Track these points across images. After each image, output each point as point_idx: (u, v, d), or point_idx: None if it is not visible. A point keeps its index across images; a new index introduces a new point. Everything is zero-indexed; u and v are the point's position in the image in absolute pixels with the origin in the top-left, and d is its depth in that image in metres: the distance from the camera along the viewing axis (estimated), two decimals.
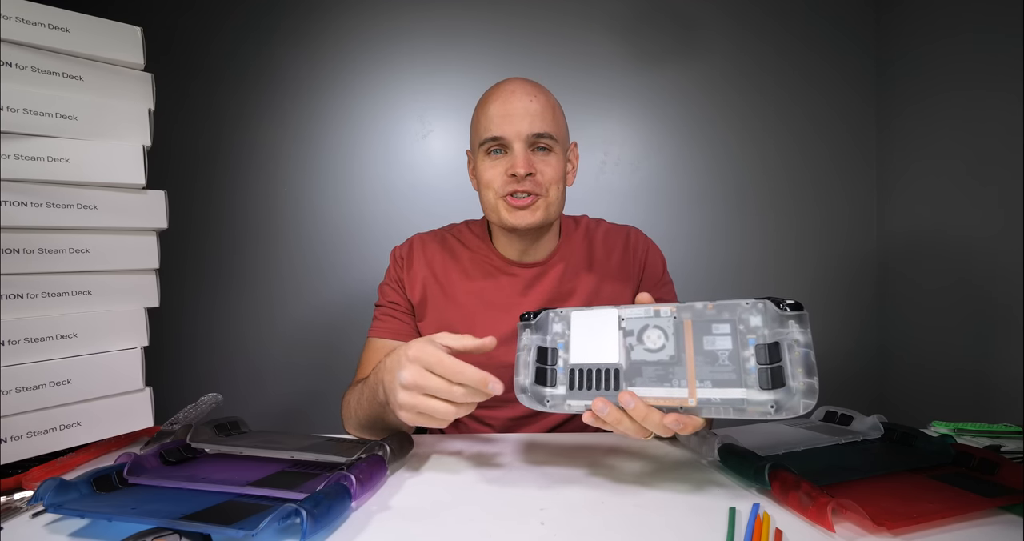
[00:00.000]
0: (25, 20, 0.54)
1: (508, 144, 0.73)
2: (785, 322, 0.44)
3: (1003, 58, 1.16)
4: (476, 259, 0.83)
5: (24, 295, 0.55)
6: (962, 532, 0.41)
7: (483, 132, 0.74)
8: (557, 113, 0.76)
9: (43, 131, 0.55)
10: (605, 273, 0.83)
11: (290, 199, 1.59)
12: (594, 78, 1.58)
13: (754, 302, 0.46)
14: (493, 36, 1.58)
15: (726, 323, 0.46)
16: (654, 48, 1.58)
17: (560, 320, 0.53)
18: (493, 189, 0.75)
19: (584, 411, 0.47)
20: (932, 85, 1.37)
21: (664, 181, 1.60)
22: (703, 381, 0.45)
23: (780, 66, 1.58)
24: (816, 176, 1.59)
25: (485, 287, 0.81)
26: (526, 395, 0.50)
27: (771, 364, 0.43)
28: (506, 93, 0.74)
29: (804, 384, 0.42)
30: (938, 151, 1.36)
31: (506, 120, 0.72)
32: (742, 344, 0.45)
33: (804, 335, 0.44)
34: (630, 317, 0.50)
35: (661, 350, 0.48)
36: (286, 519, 0.39)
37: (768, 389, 0.43)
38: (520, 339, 0.54)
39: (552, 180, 0.75)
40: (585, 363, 0.50)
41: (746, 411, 0.43)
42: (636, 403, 0.45)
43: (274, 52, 1.57)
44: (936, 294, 1.36)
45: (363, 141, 1.59)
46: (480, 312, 0.80)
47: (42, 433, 0.55)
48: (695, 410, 0.45)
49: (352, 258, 1.59)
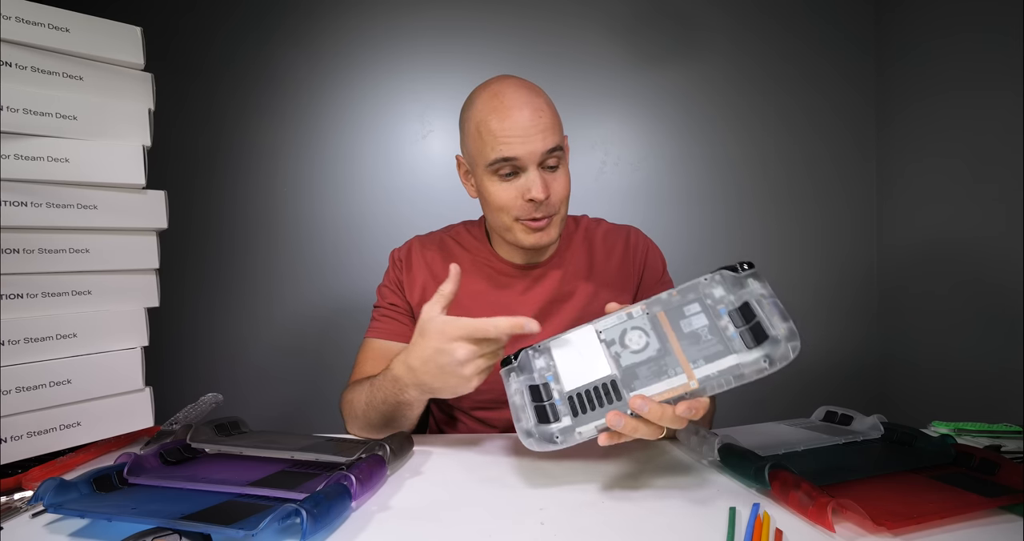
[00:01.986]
0: (25, 20, 0.54)
1: (522, 166, 0.69)
2: (744, 282, 0.48)
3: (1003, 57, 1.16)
4: (476, 261, 0.82)
5: (24, 295, 0.55)
6: (962, 532, 0.41)
7: (490, 152, 0.69)
8: (556, 114, 0.74)
9: (43, 131, 0.55)
10: (604, 276, 0.82)
11: (290, 199, 1.59)
12: (594, 78, 1.58)
13: (711, 276, 0.50)
14: (493, 36, 1.58)
15: (694, 303, 0.49)
16: (654, 48, 1.58)
17: (541, 355, 0.53)
18: (507, 213, 0.72)
19: (597, 435, 0.47)
20: (932, 85, 1.37)
21: (664, 181, 1.60)
22: (695, 361, 0.47)
23: (780, 66, 1.58)
24: (816, 176, 1.59)
25: (485, 289, 0.81)
26: (534, 439, 0.49)
27: (748, 324, 0.46)
28: (513, 107, 0.68)
29: (784, 330, 0.44)
30: (938, 151, 1.35)
31: (516, 140, 0.68)
32: (716, 316, 0.48)
33: (765, 288, 0.47)
34: (606, 328, 0.52)
35: (646, 348, 0.49)
36: (286, 519, 0.39)
37: (755, 347, 0.45)
38: (508, 386, 0.53)
39: (563, 196, 0.73)
40: (580, 386, 0.50)
41: (744, 375, 0.45)
42: (649, 406, 0.45)
43: (274, 52, 1.57)
44: (936, 294, 1.36)
45: (363, 141, 1.59)
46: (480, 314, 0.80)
47: (42, 433, 0.55)
48: (699, 391, 0.46)
49: (352, 258, 1.59)
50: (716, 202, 1.59)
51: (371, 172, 1.59)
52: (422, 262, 0.83)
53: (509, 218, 0.72)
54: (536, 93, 0.72)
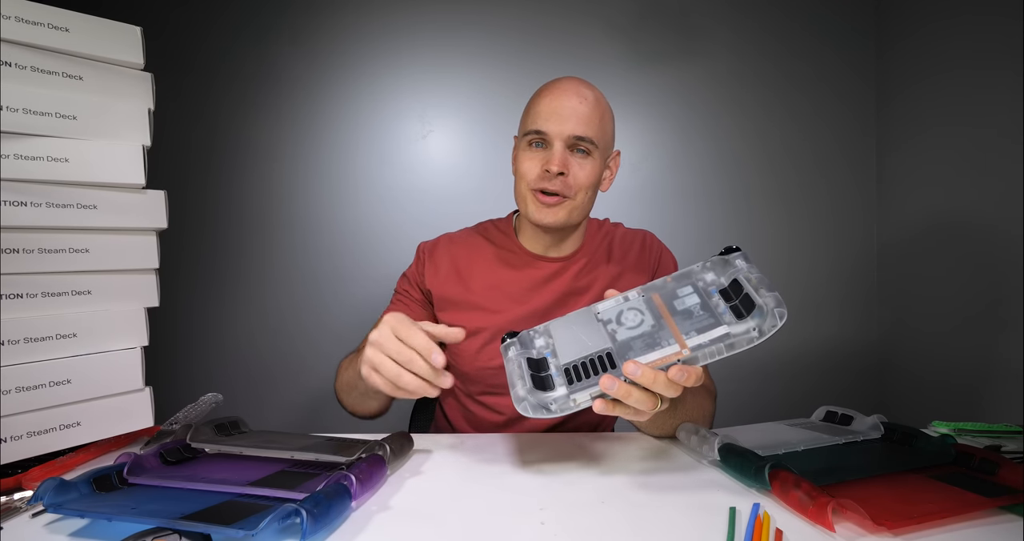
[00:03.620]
0: (25, 20, 0.54)
1: (549, 140, 0.75)
2: (732, 262, 0.51)
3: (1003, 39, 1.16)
4: (499, 252, 0.86)
5: (24, 295, 0.55)
6: (962, 532, 0.41)
7: (529, 123, 0.77)
8: (605, 119, 0.78)
9: (43, 131, 0.55)
10: (623, 266, 0.85)
11: (289, 199, 1.59)
12: (594, 78, 1.56)
13: (703, 264, 0.53)
14: (494, 36, 1.58)
15: (688, 286, 0.52)
16: (654, 48, 1.58)
17: (541, 335, 0.56)
18: (527, 180, 0.77)
19: (592, 402, 0.48)
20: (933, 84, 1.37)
21: (665, 180, 1.60)
22: (688, 333, 0.48)
23: (780, 65, 1.58)
24: (816, 176, 1.59)
25: (505, 278, 0.83)
26: (528, 404, 0.49)
27: (738, 298, 0.48)
28: (559, 90, 0.76)
29: (771, 299, 0.46)
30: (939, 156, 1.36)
31: (552, 117, 0.74)
32: (707, 295, 0.50)
33: (750, 264, 0.50)
34: (604, 309, 0.54)
35: (641, 324, 0.51)
36: (286, 519, 0.39)
37: (744, 317, 0.47)
38: (506, 356, 0.55)
39: (583, 184, 0.76)
40: (577, 358, 0.51)
41: (735, 344, 0.46)
42: (642, 369, 0.46)
43: (271, 49, 1.57)
44: (936, 294, 1.36)
45: (362, 140, 1.59)
46: (497, 302, 0.82)
47: (42, 433, 0.55)
48: (692, 360, 0.47)
49: (351, 258, 1.59)
50: (717, 201, 1.59)
51: (371, 172, 1.59)
52: (447, 256, 0.87)
53: (527, 187, 0.77)
54: (591, 90, 0.78)
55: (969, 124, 1.26)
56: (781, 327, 0.45)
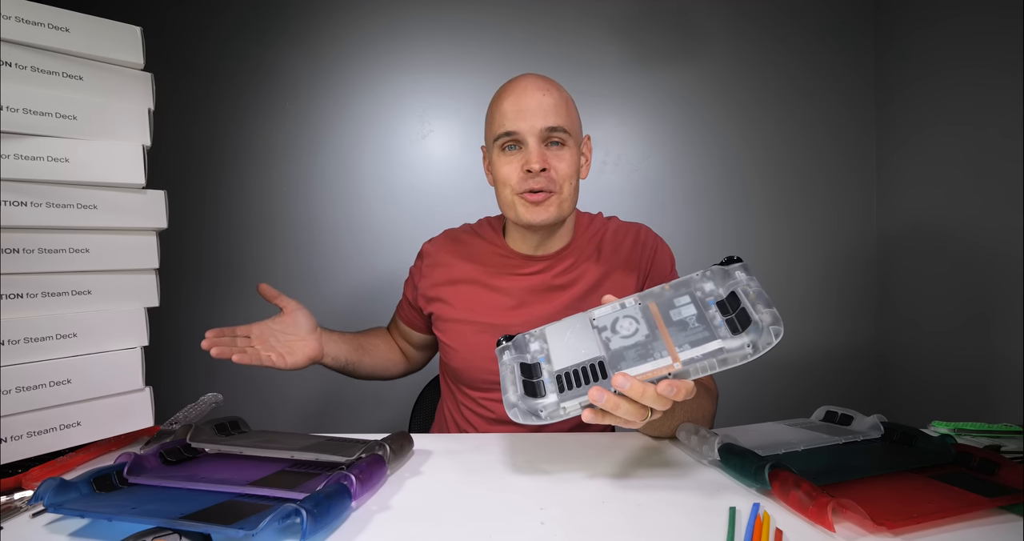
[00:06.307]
0: (25, 20, 0.54)
1: (522, 139, 0.74)
2: (732, 274, 0.50)
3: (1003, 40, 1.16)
4: (487, 249, 0.86)
5: (24, 295, 0.55)
6: (962, 532, 0.41)
7: (497, 127, 0.76)
8: (570, 107, 0.78)
9: (43, 131, 0.55)
10: (612, 263, 0.84)
11: (289, 199, 1.59)
12: (594, 78, 1.58)
13: (703, 272, 0.52)
14: (494, 36, 1.58)
15: (685, 295, 0.51)
16: (654, 48, 1.58)
17: (536, 339, 0.55)
18: (510, 186, 0.76)
19: (581, 411, 0.47)
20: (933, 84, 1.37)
21: (664, 180, 1.60)
22: (681, 346, 0.47)
23: (780, 65, 1.58)
24: (816, 176, 1.59)
25: (494, 277, 0.84)
26: (518, 410, 0.49)
27: (734, 312, 0.47)
28: (519, 89, 0.76)
29: (768, 315, 0.45)
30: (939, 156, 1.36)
31: (520, 115, 0.74)
32: (704, 307, 0.49)
33: (751, 278, 0.49)
34: (600, 315, 0.54)
35: (635, 334, 0.50)
36: (286, 519, 0.39)
37: (739, 332, 0.46)
38: (501, 361, 0.55)
39: (566, 175, 0.76)
40: (569, 366, 0.51)
41: (728, 360, 0.45)
42: (631, 382, 0.45)
43: (270, 49, 1.57)
44: (936, 294, 1.36)
45: (362, 141, 1.59)
46: (479, 299, 0.83)
47: (42, 433, 0.55)
48: (683, 373, 0.46)
49: (351, 258, 1.59)
50: (716, 201, 1.59)
51: (371, 172, 1.59)
52: (440, 255, 0.88)
53: (511, 193, 0.76)
54: (550, 83, 0.77)
55: (969, 124, 1.26)
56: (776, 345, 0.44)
